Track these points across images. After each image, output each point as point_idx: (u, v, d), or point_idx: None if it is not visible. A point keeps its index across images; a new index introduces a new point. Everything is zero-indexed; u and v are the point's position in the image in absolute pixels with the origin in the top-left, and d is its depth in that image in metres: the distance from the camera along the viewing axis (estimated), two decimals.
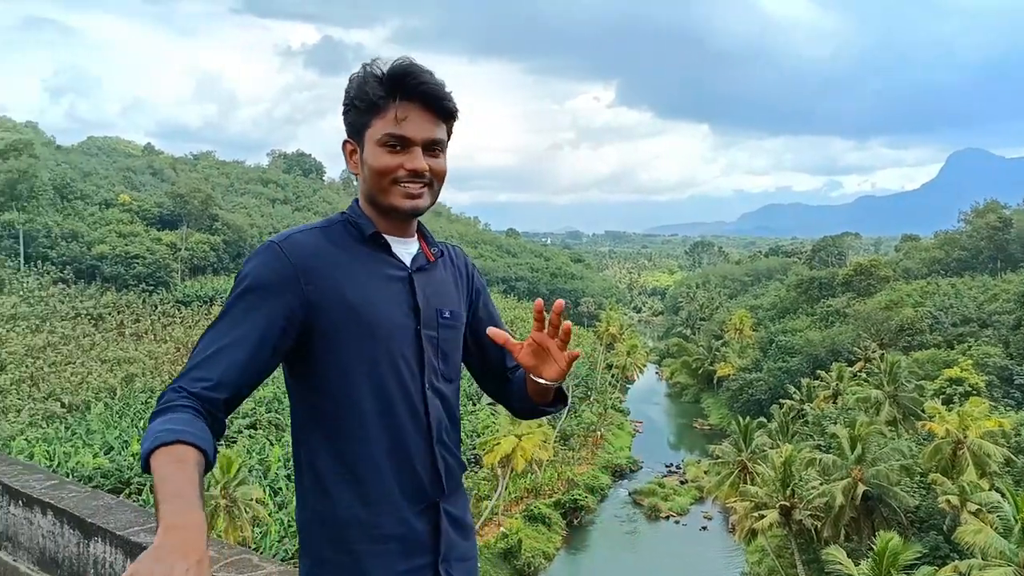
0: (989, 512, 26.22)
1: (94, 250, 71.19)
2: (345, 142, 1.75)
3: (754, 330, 76.79)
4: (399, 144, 1.65)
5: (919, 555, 25.87)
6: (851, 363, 55.63)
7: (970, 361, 46.24)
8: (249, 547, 21.17)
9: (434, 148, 1.70)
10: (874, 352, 55.41)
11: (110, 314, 64.27)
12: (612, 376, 71.17)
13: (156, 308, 67.96)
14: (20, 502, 3.43)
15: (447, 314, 1.77)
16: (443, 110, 1.69)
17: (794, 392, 54.30)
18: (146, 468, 1.33)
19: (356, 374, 1.63)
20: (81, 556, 3.14)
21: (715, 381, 73.12)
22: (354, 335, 1.63)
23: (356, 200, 1.78)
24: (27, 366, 51.42)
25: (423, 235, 1.83)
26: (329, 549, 1.63)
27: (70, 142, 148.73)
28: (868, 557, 25.19)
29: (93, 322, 62.58)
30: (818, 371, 54.95)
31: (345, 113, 1.72)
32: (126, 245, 72.51)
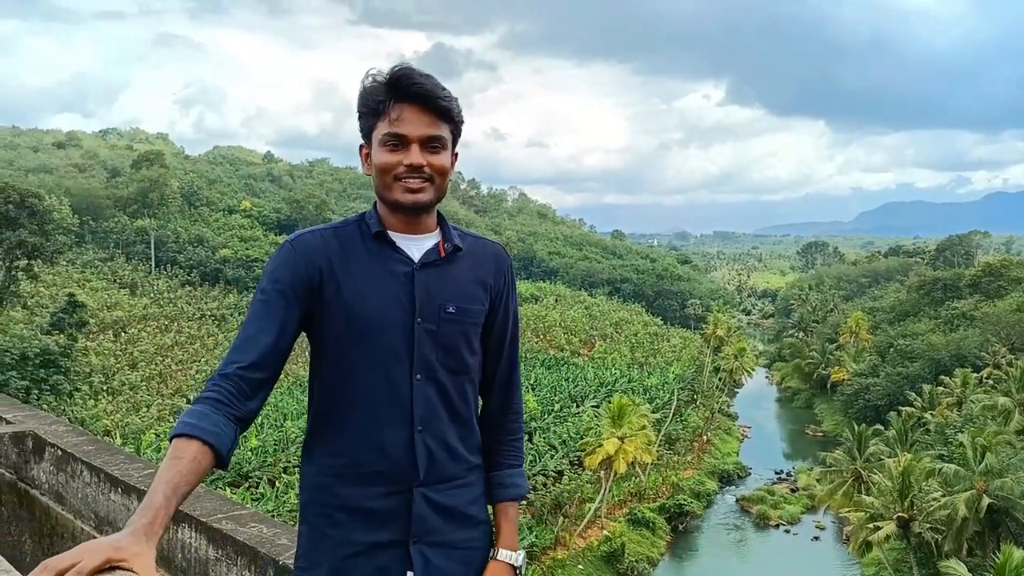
0: None
1: (218, 254, 75.20)
2: (361, 146, 1.90)
3: (871, 333, 73.53)
4: (398, 142, 1.79)
5: None
6: (977, 369, 52.53)
7: None
8: None
9: (434, 145, 1.81)
10: (1003, 358, 52.15)
11: (232, 315, 67.54)
12: (720, 380, 69.58)
13: None
14: (120, 489, 3.70)
15: (451, 309, 1.85)
16: (438, 108, 1.80)
17: (914, 399, 51.73)
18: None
19: (343, 362, 1.81)
20: (171, 540, 3.38)
21: (828, 386, 70.42)
22: (345, 327, 1.80)
23: (376, 202, 1.93)
24: (156, 364, 54.69)
25: (446, 232, 1.93)
26: (311, 511, 1.84)
27: (197, 152, 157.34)
28: (990, 572, 23.80)
29: (216, 322, 66.00)
30: (941, 377, 52.11)
31: (358, 119, 1.88)
32: (247, 249, 76.23)
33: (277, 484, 35.75)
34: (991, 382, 49.04)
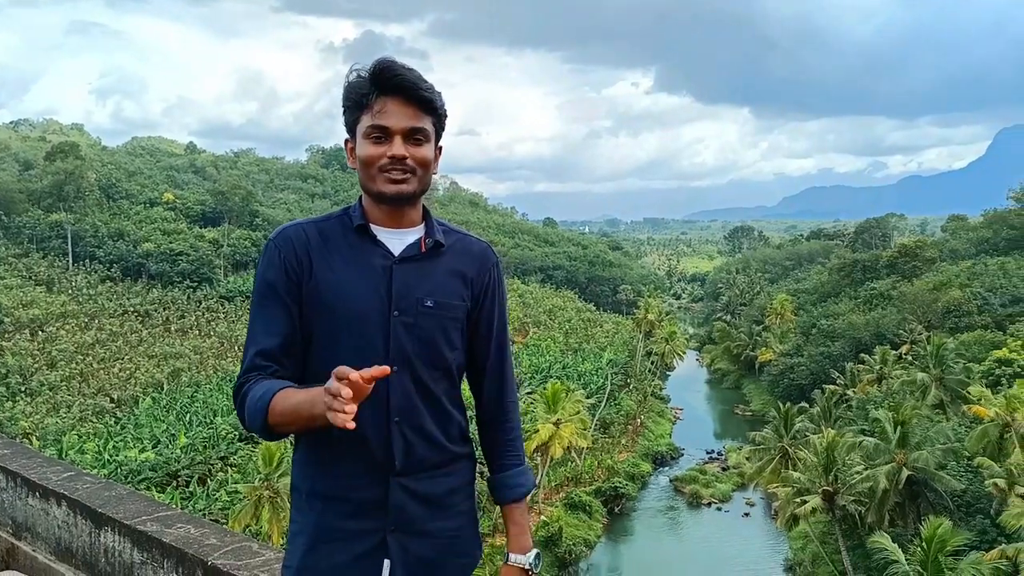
0: None
1: (140, 248, 72.78)
2: (346, 141, 1.92)
3: (795, 315, 75.78)
4: (381, 134, 1.80)
5: (967, 541, 25.39)
6: (896, 347, 54.60)
7: (1020, 342, 45.05)
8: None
9: (416, 136, 1.82)
10: (920, 335, 54.30)
11: (156, 310, 65.69)
12: (652, 363, 70.81)
13: (200, 304, 69.26)
14: (37, 494, 3.56)
15: (429, 303, 1.86)
16: (422, 100, 1.82)
17: (837, 377, 53.55)
18: (266, 430, 1.70)
19: (322, 353, 1.82)
20: (93, 545, 3.26)
21: (756, 367, 72.38)
22: (323, 319, 1.82)
23: (361, 195, 1.93)
24: (77, 363, 52.84)
25: (430, 227, 1.93)
26: (296, 495, 1.88)
27: (115, 143, 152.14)
28: (914, 543, 24.83)
29: (140, 319, 64.07)
30: (862, 355, 54.05)
31: (343, 114, 1.89)
32: (170, 243, 74.00)
33: (209, 483, 34.95)
34: (909, 358, 51.02)
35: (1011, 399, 31.92)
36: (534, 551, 1.99)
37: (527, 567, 1.96)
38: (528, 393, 52.22)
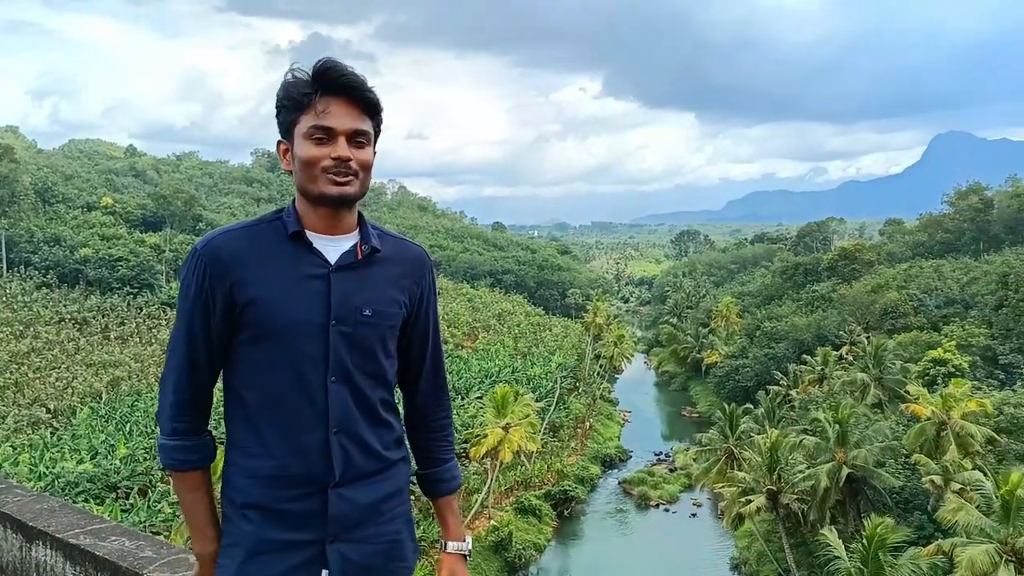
0: (972, 491, 26.49)
1: (77, 254, 70.66)
2: (279, 142, 1.86)
3: (740, 317, 77.16)
4: (324, 135, 1.76)
5: (905, 537, 26.11)
6: (837, 347, 55.98)
7: (953, 342, 46.58)
8: None
9: (359, 139, 1.79)
10: (859, 336, 55.77)
11: (95, 318, 63.85)
12: (600, 367, 71.29)
13: (141, 311, 67.52)
14: None
15: (368, 312, 1.83)
16: (365, 101, 1.80)
17: (780, 378, 54.64)
18: (165, 469, 1.86)
19: (258, 366, 1.78)
20: (24, 560, 3.16)
21: (703, 369, 73.41)
22: (258, 330, 1.77)
23: (294, 199, 1.87)
24: (11, 372, 51.06)
25: (365, 233, 1.89)
26: (228, 507, 1.85)
27: (52, 145, 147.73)
28: (855, 540, 25.44)
29: (78, 326, 62.18)
30: (804, 356, 55.28)
31: (277, 115, 1.83)
32: (109, 248, 72.02)
33: (150, 494, 34.10)
34: (849, 359, 52.36)
35: (947, 398, 32.95)
36: (469, 537, 2.08)
37: (466, 553, 2.06)
38: (477, 398, 52.20)
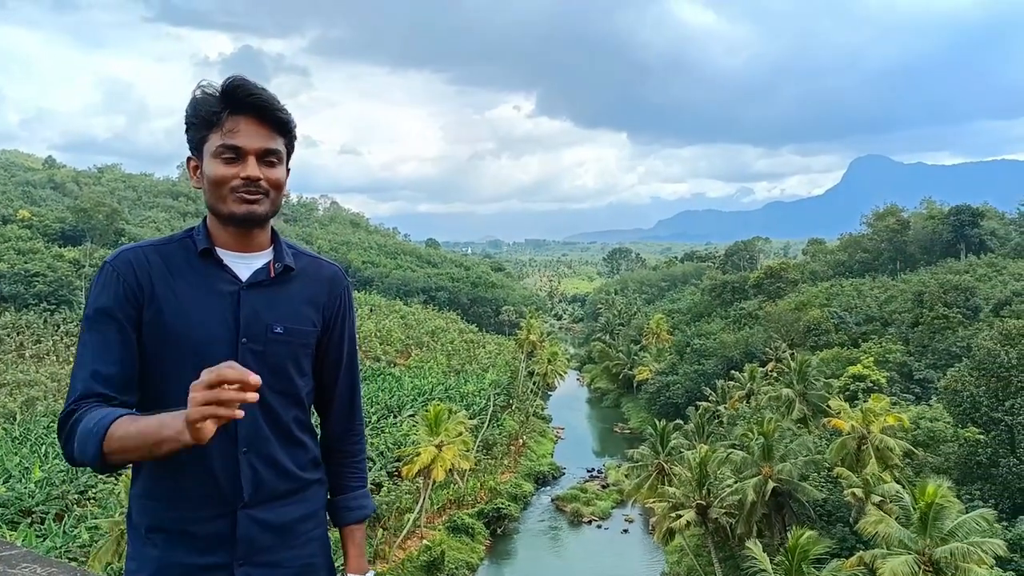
0: (892, 503, 27.38)
1: None
2: (188, 158, 1.83)
3: (671, 334, 78.40)
4: (233, 154, 1.74)
5: (828, 549, 26.78)
6: (763, 364, 57.32)
7: (871, 359, 48.20)
8: None
9: (269, 158, 1.77)
10: (784, 352, 57.24)
11: (9, 335, 61.24)
12: (534, 384, 71.53)
13: (59, 328, 65.01)
14: None
15: (279, 329, 1.82)
16: (276, 120, 1.78)
17: (709, 394, 55.67)
18: (99, 458, 1.54)
19: (166, 383, 1.75)
20: None
21: (634, 385, 74.28)
22: (166, 347, 1.74)
23: (206, 216, 1.85)
24: None
25: (278, 251, 1.87)
26: (134, 532, 1.80)
27: None
28: (780, 552, 25.99)
29: None
30: (732, 372, 56.45)
31: (186, 131, 1.80)
32: (25, 263, 69.27)
33: (66, 519, 32.72)
34: (775, 375, 53.68)
35: (867, 412, 34.01)
36: (371, 571, 2.02)
37: None
38: (410, 415, 51.73)
